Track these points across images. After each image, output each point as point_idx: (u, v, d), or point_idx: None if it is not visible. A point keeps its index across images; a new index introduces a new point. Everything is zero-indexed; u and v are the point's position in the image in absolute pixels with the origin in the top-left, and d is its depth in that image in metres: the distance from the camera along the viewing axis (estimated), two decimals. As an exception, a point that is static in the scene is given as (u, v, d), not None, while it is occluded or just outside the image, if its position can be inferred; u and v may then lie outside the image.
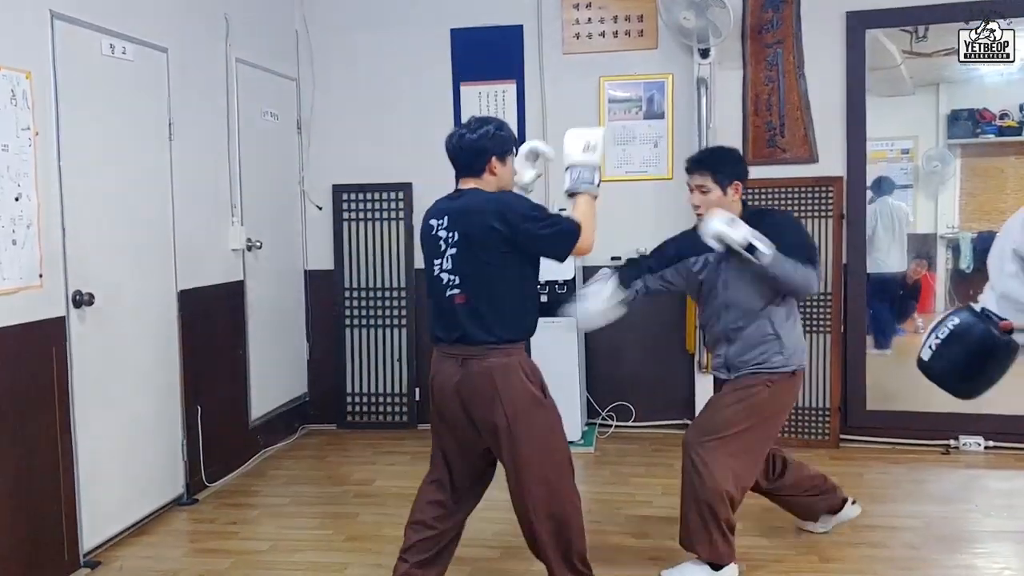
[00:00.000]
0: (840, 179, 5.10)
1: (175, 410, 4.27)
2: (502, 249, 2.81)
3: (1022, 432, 4.91)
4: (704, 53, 5.09)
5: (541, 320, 4.69)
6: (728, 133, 5.24)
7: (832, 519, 3.70)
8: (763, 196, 5.17)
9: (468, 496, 3.08)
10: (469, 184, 2.95)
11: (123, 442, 3.87)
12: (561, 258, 2.89)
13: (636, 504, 4.20)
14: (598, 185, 2.95)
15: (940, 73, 5.96)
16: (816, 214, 5.12)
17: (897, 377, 5.09)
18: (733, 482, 3.20)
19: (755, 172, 5.22)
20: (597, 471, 4.75)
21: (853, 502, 3.70)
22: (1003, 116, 5.82)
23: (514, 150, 2.99)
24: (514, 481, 2.89)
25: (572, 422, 5.08)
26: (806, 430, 5.15)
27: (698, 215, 3.27)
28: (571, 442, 5.01)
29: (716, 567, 3.25)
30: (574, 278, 5.00)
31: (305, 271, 5.73)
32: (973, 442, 4.94)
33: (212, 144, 4.65)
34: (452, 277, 2.87)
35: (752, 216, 3.23)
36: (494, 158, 2.91)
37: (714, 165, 3.25)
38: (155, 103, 4.13)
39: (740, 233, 3.04)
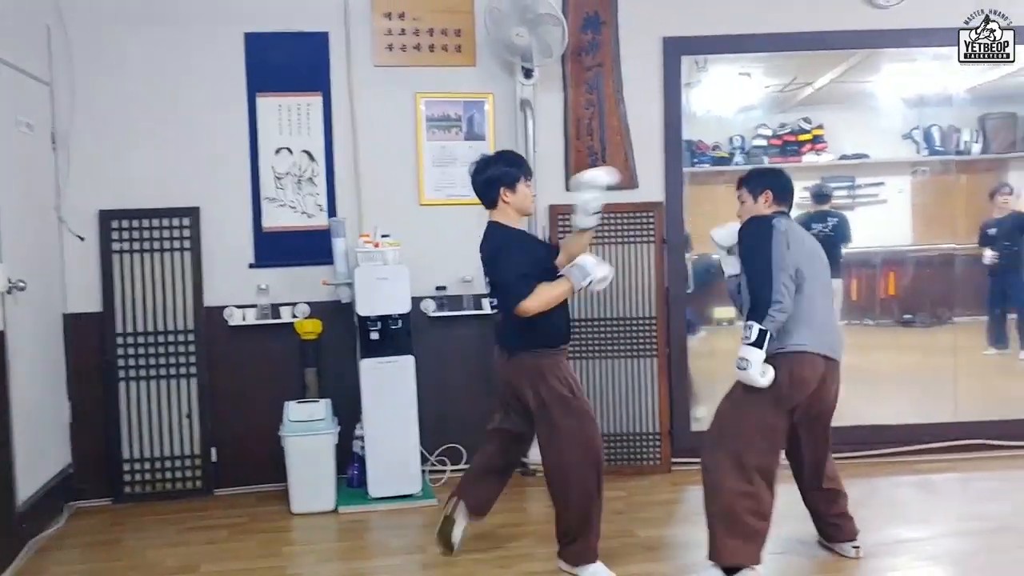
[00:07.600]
0: (660, 204, 5.13)
1: (-65, 510, 3.24)
2: None
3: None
4: (528, 73, 4.89)
5: (373, 360, 4.61)
6: (551, 158, 5.08)
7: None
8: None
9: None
10: (491, 215, 3.57)
11: None
12: (502, 308, 3.46)
13: (517, 559, 3.84)
14: (588, 286, 3.41)
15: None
16: (638, 239, 5.11)
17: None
18: (738, 474, 3.32)
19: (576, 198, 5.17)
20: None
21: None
22: (715, 148, 6.20)
23: (523, 176, 3.51)
24: (542, 458, 3.56)
25: (412, 472, 4.62)
26: (638, 455, 5.10)
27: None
28: (410, 495, 4.60)
29: (731, 570, 3.33)
30: (408, 313, 4.57)
31: (63, 315, 4.69)
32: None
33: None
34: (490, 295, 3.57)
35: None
36: (503, 189, 3.48)
37: (746, 179, 3.67)
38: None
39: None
